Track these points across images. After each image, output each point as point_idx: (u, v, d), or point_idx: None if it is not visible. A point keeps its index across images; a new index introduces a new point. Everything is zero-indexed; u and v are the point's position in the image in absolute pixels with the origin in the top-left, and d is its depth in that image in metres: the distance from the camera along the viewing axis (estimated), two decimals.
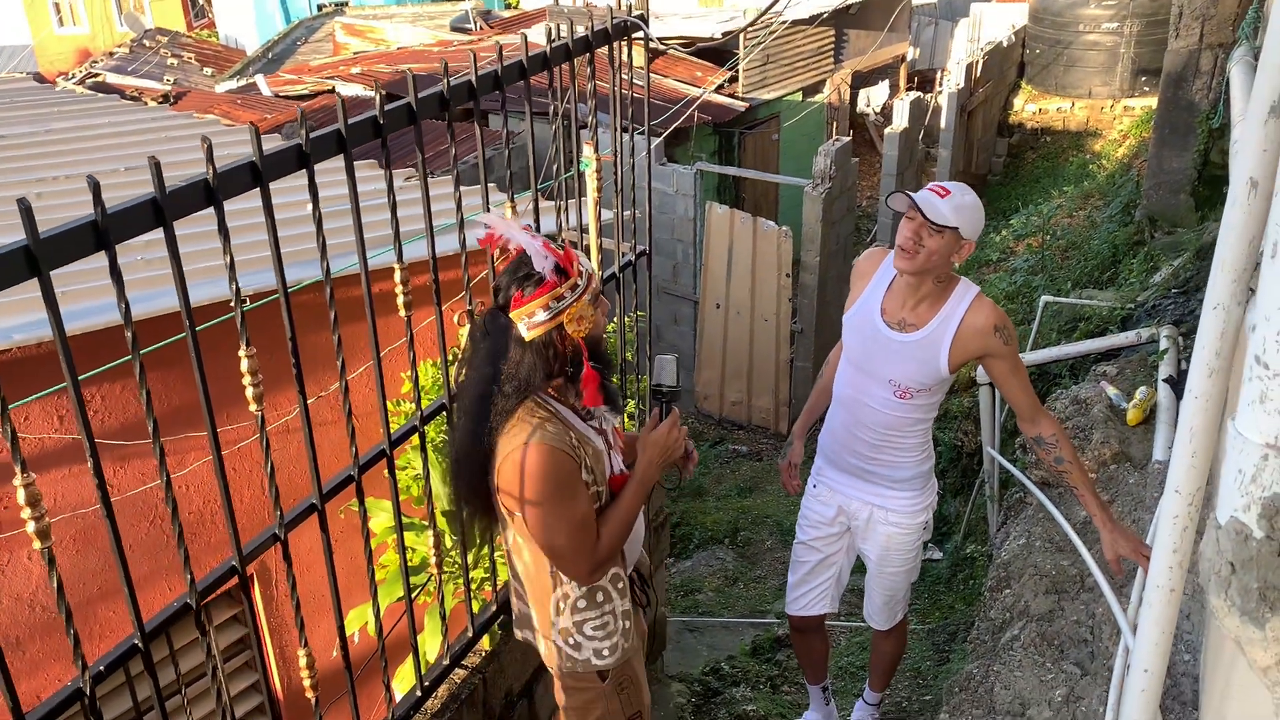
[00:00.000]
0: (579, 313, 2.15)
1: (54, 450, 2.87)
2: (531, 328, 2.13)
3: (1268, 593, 1.06)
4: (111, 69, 18.58)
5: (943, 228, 2.61)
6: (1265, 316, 1.01)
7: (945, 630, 4.62)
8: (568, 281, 2.13)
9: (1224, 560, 1.10)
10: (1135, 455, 3.55)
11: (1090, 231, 7.40)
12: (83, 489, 2.94)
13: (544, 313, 2.12)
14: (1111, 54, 13.49)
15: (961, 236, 2.64)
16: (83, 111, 5.87)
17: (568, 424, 2.20)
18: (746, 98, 12.20)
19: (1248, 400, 1.05)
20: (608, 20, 3.15)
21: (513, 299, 2.13)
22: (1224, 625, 1.13)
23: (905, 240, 2.67)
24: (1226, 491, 1.10)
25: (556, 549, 2.19)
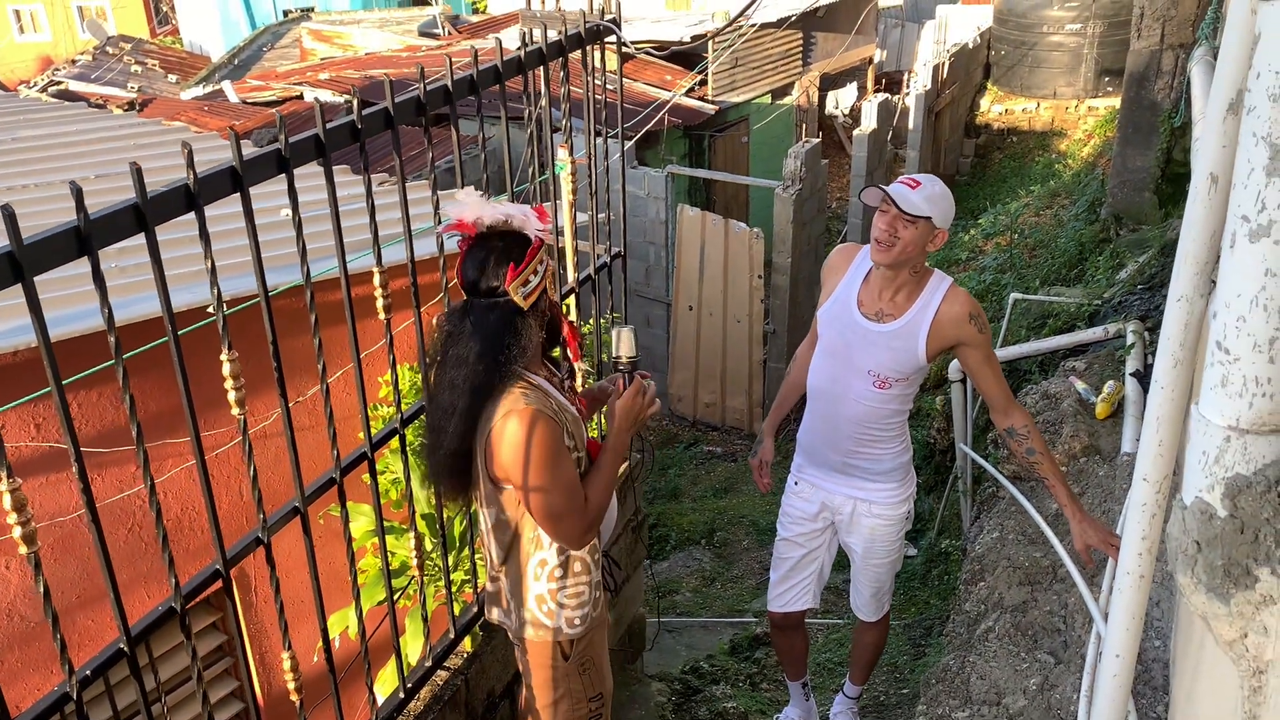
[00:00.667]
0: (552, 270, 2.25)
1: (31, 458, 2.86)
2: (528, 296, 2.19)
3: (1231, 569, 1.11)
4: (74, 76, 18.42)
5: (916, 218, 2.68)
6: (1225, 304, 1.05)
7: (921, 625, 4.68)
8: (544, 246, 2.22)
9: (1190, 539, 1.14)
10: (1104, 448, 3.62)
11: (1057, 230, 7.50)
12: (60, 497, 2.93)
13: (535, 277, 2.19)
14: (1075, 55, 13.68)
15: (935, 226, 2.71)
16: (49, 119, 5.82)
17: (547, 392, 2.26)
18: (716, 101, 12.27)
19: (1210, 384, 1.10)
20: (580, 24, 3.18)
21: (508, 272, 2.16)
22: (1191, 603, 1.17)
23: (880, 233, 2.73)
24: (1191, 473, 1.14)
25: (555, 511, 2.22)
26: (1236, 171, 1.01)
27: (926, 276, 2.84)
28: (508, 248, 2.20)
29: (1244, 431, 1.07)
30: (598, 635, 2.55)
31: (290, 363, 3.03)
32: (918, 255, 2.75)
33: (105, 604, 2.97)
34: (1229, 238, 1.04)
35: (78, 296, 3.00)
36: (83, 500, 1.81)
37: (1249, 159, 0.99)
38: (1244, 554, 1.10)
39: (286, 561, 3.21)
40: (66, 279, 3.08)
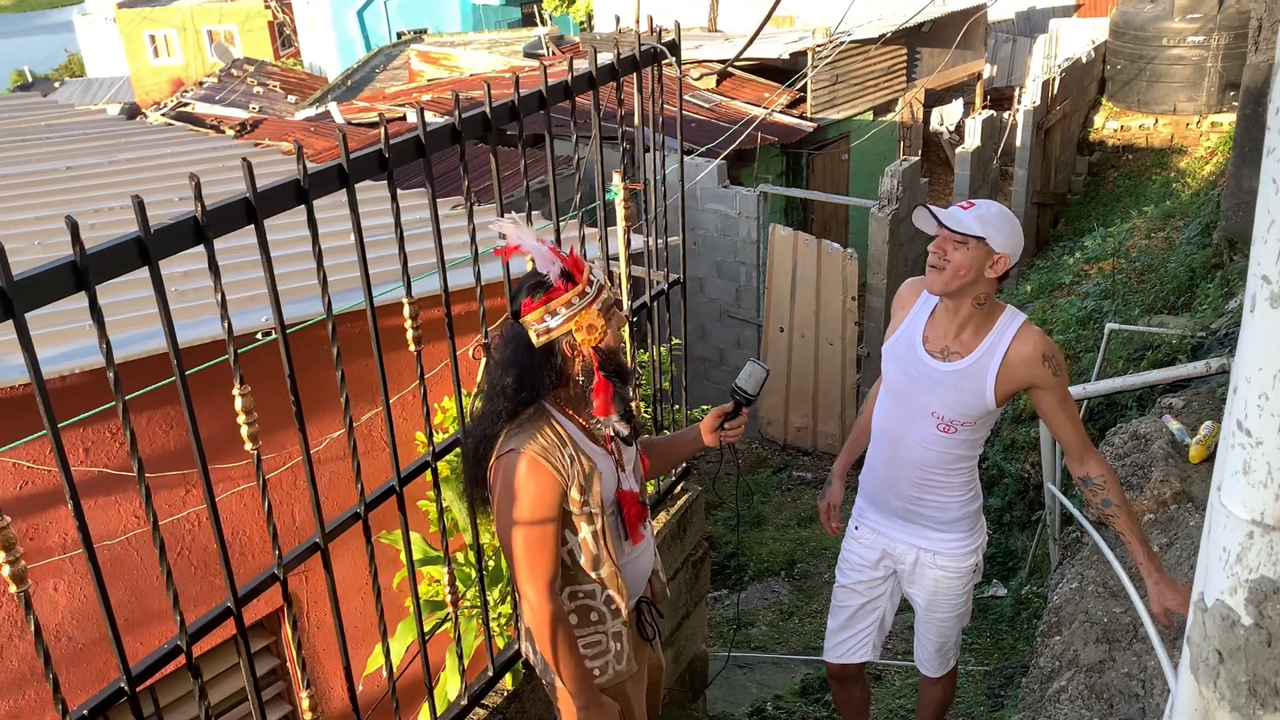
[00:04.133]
0: (589, 321, 2.17)
1: (80, 482, 2.89)
2: (541, 334, 2.16)
3: (1258, 687, 0.94)
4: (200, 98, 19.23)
5: (967, 237, 2.50)
6: (1246, 378, 0.89)
7: (1002, 674, 4.43)
8: (575, 288, 2.15)
9: (1211, 648, 0.98)
10: (1198, 495, 3.35)
11: (1168, 254, 7.10)
12: (109, 520, 2.96)
13: (552, 319, 2.15)
14: (1197, 68, 13.02)
15: (992, 249, 2.51)
16: (150, 142, 6.02)
17: (568, 439, 2.22)
18: (815, 118, 12.06)
19: (1231, 471, 0.93)
20: (636, 47, 3.09)
21: (523, 305, 2.17)
22: (1215, 719, 1.00)
23: (932, 257, 2.57)
24: (1213, 572, 0.98)
25: (511, 555, 2.21)
26: (1256, 225, 0.85)
27: (996, 312, 2.64)
28: (537, 282, 2.17)
29: (1270, 528, 0.91)
30: (627, 687, 2.44)
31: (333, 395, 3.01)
32: (976, 282, 2.55)
33: (151, 626, 2.99)
34: (1249, 301, 0.88)
35: (137, 320, 3.04)
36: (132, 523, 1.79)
37: (1269, 210, 0.83)
38: (1272, 670, 0.93)
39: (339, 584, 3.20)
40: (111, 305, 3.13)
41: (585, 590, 2.33)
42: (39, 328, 2.84)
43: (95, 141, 5.98)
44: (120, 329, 2.99)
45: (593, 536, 2.28)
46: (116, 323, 3.01)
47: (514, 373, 2.21)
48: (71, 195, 4.71)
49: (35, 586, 2.90)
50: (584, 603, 2.34)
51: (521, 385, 2.19)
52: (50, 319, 2.86)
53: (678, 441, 2.72)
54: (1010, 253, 2.55)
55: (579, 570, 2.31)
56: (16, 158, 5.46)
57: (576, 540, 2.28)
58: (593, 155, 3.13)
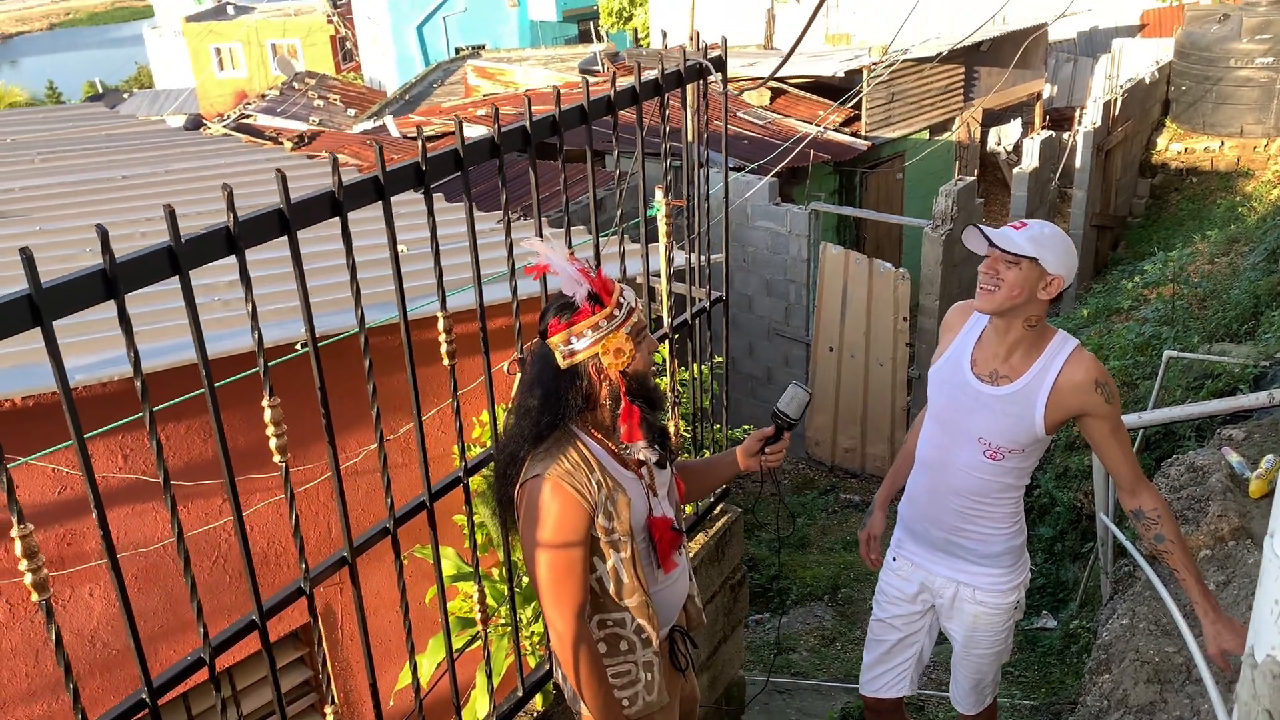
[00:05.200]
0: (616, 345, 2.12)
1: (118, 488, 2.91)
2: (566, 356, 2.13)
3: None
4: (262, 110, 19.59)
5: (1019, 258, 2.43)
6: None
7: (1049, 710, 4.29)
8: (603, 311, 2.11)
9: (1261, 707, 0.91)
10: (1257, 531, 3.22)
11: (1231, 279, 6.90)
12: (146, 527, 2.97)
13: (578, 341, 2.12)
14: (1265, 90, 12.71)
15: (1045, 269, 2.44)
16: (205, 153, 6.12)
17: (595, 463, 2.17)
18: (869, 136, 11.95)
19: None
20: (681, 62, 3.06)
21: (550, 325, 2.14)
22: None
23: (982, 277, 2.50)
24: (1262, 625, 0.91)
25: (538, 582, 2.17)
26: None
27: (1048, 336, 2.56)
28: (565, 304, 2.14)
29: None
30: (659, 718, 2.38)
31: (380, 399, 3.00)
32: (1028, 304, 2.48)
33: (187, 634, 2.99)
34: None
35: (169, 330, 3.06)
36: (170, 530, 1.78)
37: None
38: None
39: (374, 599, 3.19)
40: (155, 312, 3.16)
41: (614, 619, 2.28)
42: (85, 334, 2.87)
43: (152, 151, 6.10)
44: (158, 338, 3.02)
45: (621, 564, 2.23)
46: (156, 331, 3.03)
47: (539, 394, 2.17)
48: (125, 204, 4.79)
49: (72, 592, 2.92)
50: (613, 631, 2.28)
51: (546, 407, 2.16)
52: (97, 325, 2.89)
53: (716, 465, 2.66)
54: (1064, 274, 2.48)
55: (608, 599, 2.26)
56: (76, 166, 5.58)
57: (605, 568, 2.23)
58: (635, 171, 3.09)
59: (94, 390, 2.77)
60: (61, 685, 3.00)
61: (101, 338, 2.88)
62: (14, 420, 2.75)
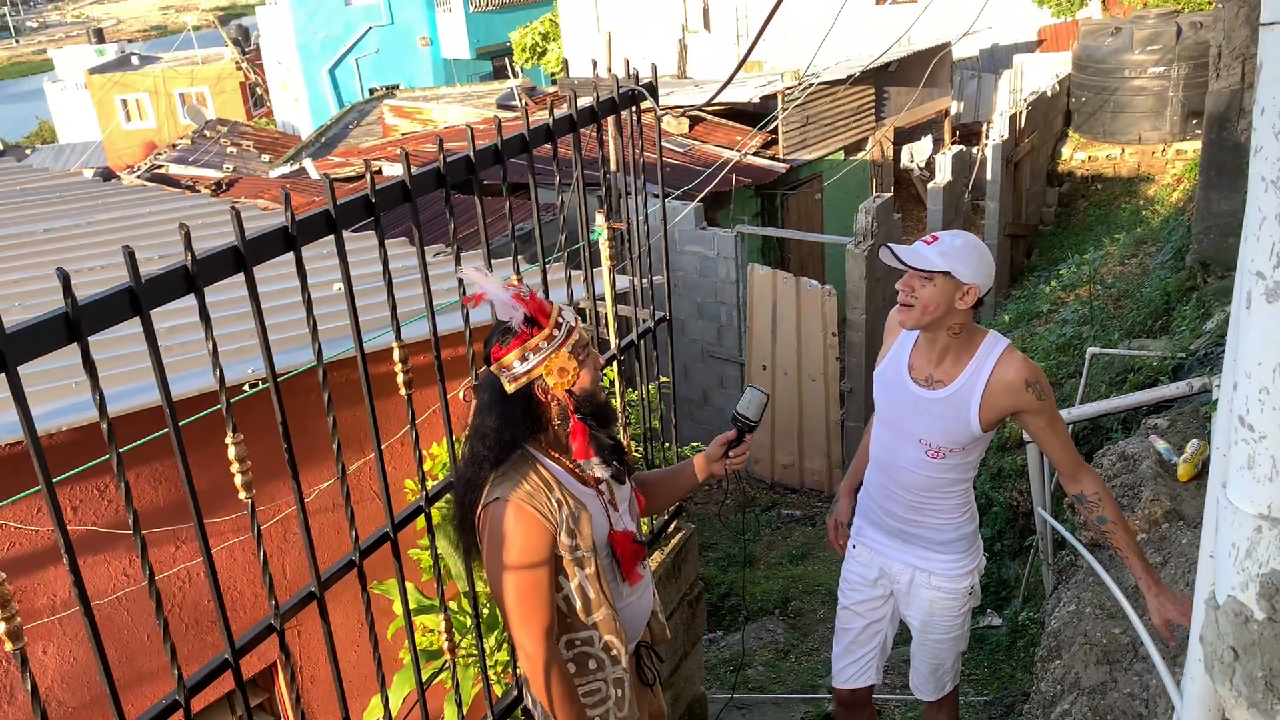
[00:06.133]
0: (559, 365, 2.14)
1: (74, 540, 2.85)
2: (512, 380, 2.15)
3: (1274, 681, 0.94)
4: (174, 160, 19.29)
5: (932, 273, 2.51)
6: (1245, 373, 0.91)
7: (1002, 703, 4.40)
8: (541, 333, 2.13)
9: (1225, 645, 0.98)
10: (1188, 513, 3.37)
11: (1142, 279, 7.19)
12: (98, 579, 2.92)
13: (520, 364, 2.13)
14: (1160, 98, 13.28)
15: (959, 280, 2.51)
16: (127, 203, 6.02)
17: (555, 482, 2.19)
18: (787, 159, 12.20)
19: (1236, 466, 0.95)
20: (614, 91, 3.13)
21: (493, 351, 2.16)
22: (1233, 717, 1.01)
23: (901, 295, 2.59)
24: (1222, 569, 0.98)
25: (504, 605, 2.19)
26: (1247, 222, 0.87)
27: (977, 338, 2.65)
28: (506, 327, 2.16)
29: (1277, 521, 0.92)
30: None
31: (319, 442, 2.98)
32: (948, 315, 2.56)
33: (144, 687, 2.93)
34: (1243, 298, 0.89)
35: (125, 375, 3.02)
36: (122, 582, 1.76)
37: (1259, 207, 0.85)
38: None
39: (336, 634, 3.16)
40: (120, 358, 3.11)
41: (582, 638, 2.29)
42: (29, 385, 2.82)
43: (71, 204, 5.98)
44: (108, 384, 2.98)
45: (586, 581, 2.25)
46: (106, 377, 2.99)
47: (491, 419, 2.19)
48: (50, 257, 4.70)
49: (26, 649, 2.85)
50: (582, 650, 2.30)
51: (499, 431, 2.18)
52: (42, 376, 2.84)
53: (676, 475, 2.69)
54: (979, 282, 2.55)
55: (575, 617, 2.27)
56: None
57: (570, 586, 2.25)
58: (574, 197, 3.15)
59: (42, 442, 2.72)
60: None
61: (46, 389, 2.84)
62: None
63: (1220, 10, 5.87)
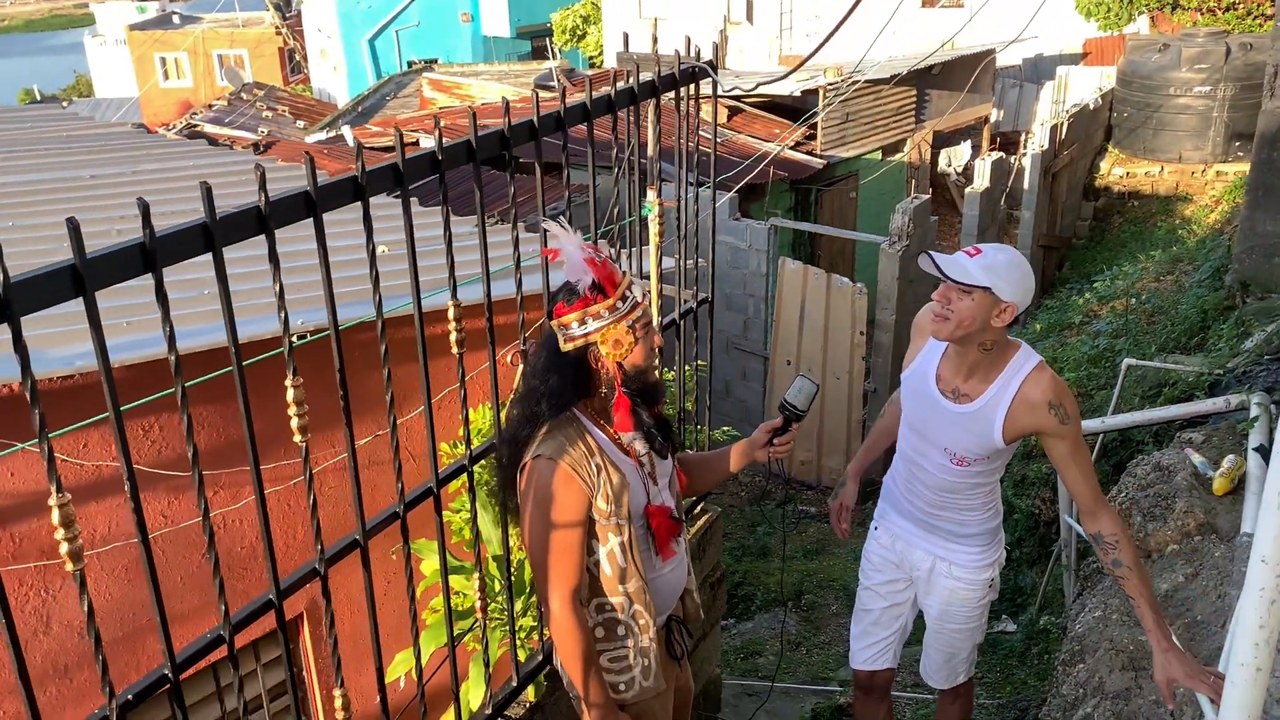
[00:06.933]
0: (615, 336, 2.17)
1: (111, 478, 2.89)
2: (567, 340, 2.18)
3: None
4: (210, 120, 19.35)
5: (971, 288, 2.45)
6: None
7: (1016, 707, 4.40)
8: (606, 301, 2.15)
9: None
10: (1222, 527, 3.35)
11: (1178, 296, 7.14)
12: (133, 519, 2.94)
13: (578, 327, 2.16)
14: (1203, 118, 13.16)
15: (999, 297, 2.45)
16: (172, 155, 6.06)
17: (596, 447, 2.23)
18: (824, 155, 12.16)
19: None
20: (675, 66, 3.13)
21: (556, 307, 2.19)
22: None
23: (937, 305, 2.53)
24: None
25: (535, 562, 2.23)
26: None
27: (1009, 353, 2.60)
28: (571, 289, 2.18)
29: None
30: (654, 704, 2.42)
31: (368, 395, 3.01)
32: (983, 330, 2.50)
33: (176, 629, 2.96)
34: None
35: None
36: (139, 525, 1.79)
37: None
38: None
39: (359, 595, 3.19)
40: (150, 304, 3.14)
41: (612, 604, 2.32)
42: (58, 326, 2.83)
43: (116, 153, 6.02)
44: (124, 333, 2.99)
45: (620, 549, 2.27)
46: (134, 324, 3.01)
47: (543, 378, 2.22)
48: (95, 202, 4.74)
49: (62, 583, 2.89)
50: (610, 616, 2.33)
51: (549, 390, 2.21)
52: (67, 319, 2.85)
53: (719, 458, 2.69)
54: (1018, 301, 2.49)
55: (605, 583, 2.30)
56: (39, 165, 5.49)
57: (603, 552, 2.28)
58: (625, 173, 3.15)
59: (91, 379, 2.75)
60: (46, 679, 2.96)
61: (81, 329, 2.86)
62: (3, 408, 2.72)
63: (1279, 29, 5.81)
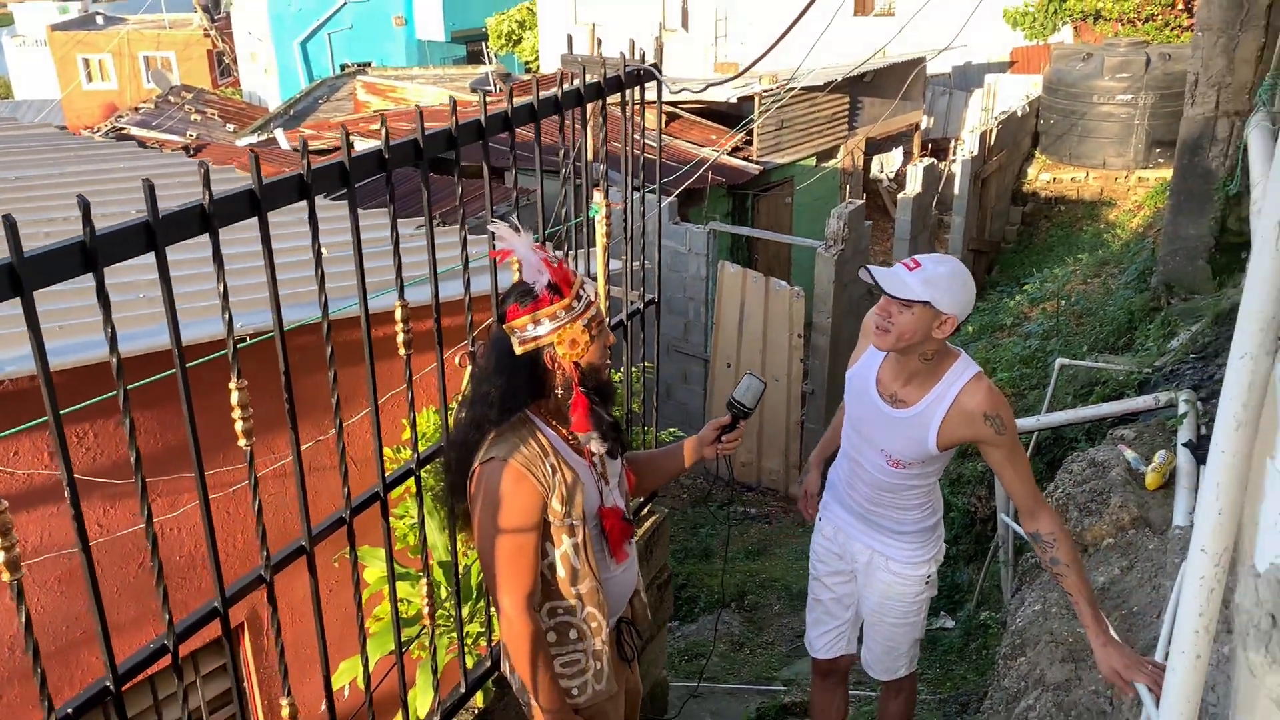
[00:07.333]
0: (572, 335, 2.16)
1: (43, 487, 2.80)
2: (522, 342, 2.16)
3: None
4: (136, 123, 18.89)
5: (911, 302, 2.48)
6: None
7: (957, 701, 4.47)
8: (562, 301, 2.14)
9: (1264, 612, 1.01)
10: (1155, 520, 3.45)
11: (1105, 298, 7.34)
12: (69, 529, 2.86)
13: (534, 328, 2.14)
14: (1126, 125, 13.54)
15: (939, 310, 2.48)
16: (100, 156, 5.91)
17: (550, 449, 2.21)
18: (760, 161, 12.27)
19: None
20: (620, 68, 3.14)
21: (509, 311, 2.17)
22: (1265, 685, 1.04)
23: (878, 318, 2.56)
24: (1266, 536, 1.02)
25: (487, 566, 2.20)
26: None
27: (947, 362, 2.64)
28: (525, 290, 2.17)
29: None
30: (607, 707, 2.42)
31: (310, 400, 2.95)
32: (924, 342, 2.54)
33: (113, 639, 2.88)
34: None
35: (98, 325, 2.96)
36: (79, 533, 1.74)
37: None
38: None
39: (300, 605, 3.13)
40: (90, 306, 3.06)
41: (565, 607, 2.31)
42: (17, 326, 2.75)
43: (41, 154, 5.85)
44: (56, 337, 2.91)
45: (573, 550, 2.26)
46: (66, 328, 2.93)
47: (495, 380, 2.20)
48: (22, 204, 4.59)
49: None
50: (563, 619, 2.31)
51: (502, 393, 2.19)
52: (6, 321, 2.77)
53: (667, 456, 2.70)
54: (958, 313, 2.51)
55: (559, 585, 2.28)
56: None
57: (556, 554, 2.26)
58: (570, 175, 3.15)
59: (21, 384, 2.67)
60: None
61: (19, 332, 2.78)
62: None
63: (1199, 39, 6.00)
